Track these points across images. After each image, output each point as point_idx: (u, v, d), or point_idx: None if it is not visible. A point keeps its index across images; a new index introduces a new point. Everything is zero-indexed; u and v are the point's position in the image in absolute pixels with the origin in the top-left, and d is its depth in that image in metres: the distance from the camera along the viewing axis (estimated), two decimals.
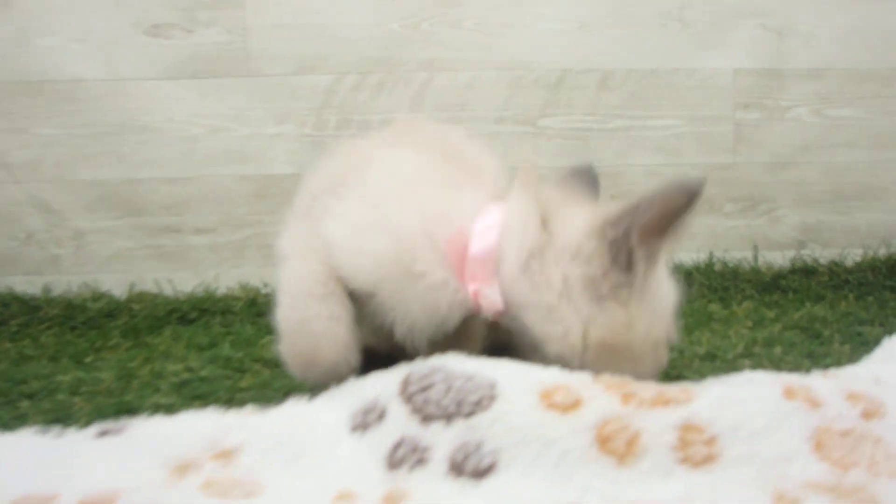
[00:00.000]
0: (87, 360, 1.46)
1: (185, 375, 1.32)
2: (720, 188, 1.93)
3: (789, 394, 0.77)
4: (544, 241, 0.86)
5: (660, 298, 0.89)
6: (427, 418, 0.76)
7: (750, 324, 1.58)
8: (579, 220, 0.87)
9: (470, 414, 0.75)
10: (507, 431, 0.73)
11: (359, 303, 0.94)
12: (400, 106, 1.86)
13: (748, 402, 0.75)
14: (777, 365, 1.30)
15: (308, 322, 0.91)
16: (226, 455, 0.77)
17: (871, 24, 1.89)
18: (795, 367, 1.27)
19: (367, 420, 0.80)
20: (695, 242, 1.92)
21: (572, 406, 0.74)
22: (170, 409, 1.11)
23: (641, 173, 1.92)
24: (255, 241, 1.88)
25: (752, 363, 1.30)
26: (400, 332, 0.92)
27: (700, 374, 1.24)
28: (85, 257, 1.85)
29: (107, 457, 0.76)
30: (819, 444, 0.73)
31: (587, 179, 1.05)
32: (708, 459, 0.71)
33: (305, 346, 0.91)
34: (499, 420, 0.74)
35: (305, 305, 0.92)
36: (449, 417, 0.75)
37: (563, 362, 0.84)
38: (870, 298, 1.76)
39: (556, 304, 0.85)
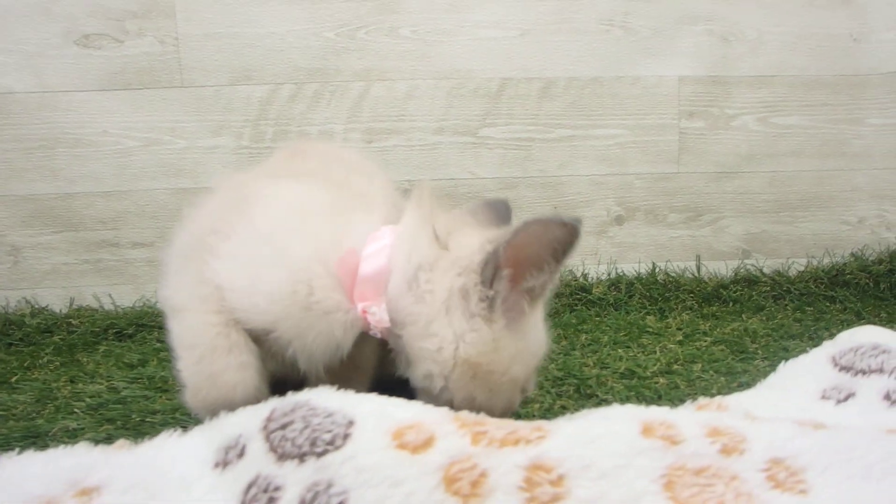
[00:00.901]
0: (14, 380, 1.44)
1: (105, 397, 1.31)
2: (664, 198, 1.88)
3: (647, 431, 0.76)
4: (437, 255, 0.86)
5: (529, 341, 0.88)
6: (282, 457, 0.75)
7: (680, 337, 1.57)
8: (476, 239, 0.87)
9: (322, 453, 0.74)
10: (356, 472, 0.72)
11: (258, 339, 0.92)
12: (337, 116, 1.80)
13: (601, 440, 0.75)
14: (692, 383, 1.29)
15: (218, 376, 0.89)
16: (86, 493, 0.76)
17: (818, 30, 1.82)
18: (709, 385, 1.28)
19: (228, 457, 0.78)
20: (637, 253, 1.88)
21: (422, 446, 0.74)
22: (76, 434, 1.12)
23: (585, 183, 1.86)
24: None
25: (667, 381, 1.30)
26: (302, 362, 0.90)
27: (613, 394, 1.24)
28: (22, 273, 1.82)
29: None
30: (669, 483, 0.72)
31: (500, 212, 1.02)
32: (554, 499, 0.70)
33: (217, 397, 0.89)
34: (349, 460, 0.73)
35: (212, 360, 0.89)
36: (302, 456, 0.74)
37: (430, 383, 0.87)
38: (809, 309, 1.74)
39: (435, 316, 0.85)
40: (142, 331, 1.71)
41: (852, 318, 1.67)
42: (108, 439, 1.10)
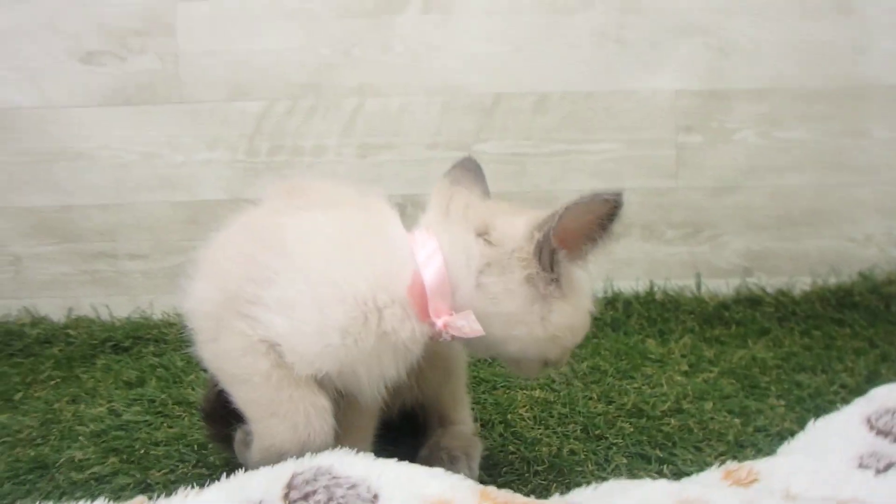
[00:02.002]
0: (17, 397, 1.44)
1: (106, 422, 1.29)
2: (661, 213, 1.81)
3: None
4: (489, 254, 0.88)
5: (585, 292, 0.93)
6: None
7: (685, 367, 1.48)
8: (517, 228, 0.89)
9: None
10: None
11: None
12: (331, 132, 1.79)
13: None
14: (705, 425, 1.21)
15: (315, 438, 0.85)
16: None
17: (817, 41, 1.77)
18: (724, 429, 1.20)
19: None
20: (634, 270, 1.81)
21: None
22: (83, 467, 1.11)
23: None
24: (189, 267, 1.80)
25: (678, 423, 1.22)
26: (366, 391, 0.88)
27: (623, 436, 1.18)
28: (23, 282, 1.83)
29: None
30: None
31: (474, 172, 1.04)
32: None
33: (302, 452, 0.84)
34: None
35: (307, 426, 0.85)
36: None
37: (524, 356, 0.92)
38: (817, 333, 1.64)
39: (513, 309, 0.87)
40: (138, 344, 1.70)
41: (865, 345, 1.57)
42: (114, 473, 1.09)
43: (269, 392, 0.84)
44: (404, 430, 1.08)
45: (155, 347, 1.67)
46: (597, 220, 0.84)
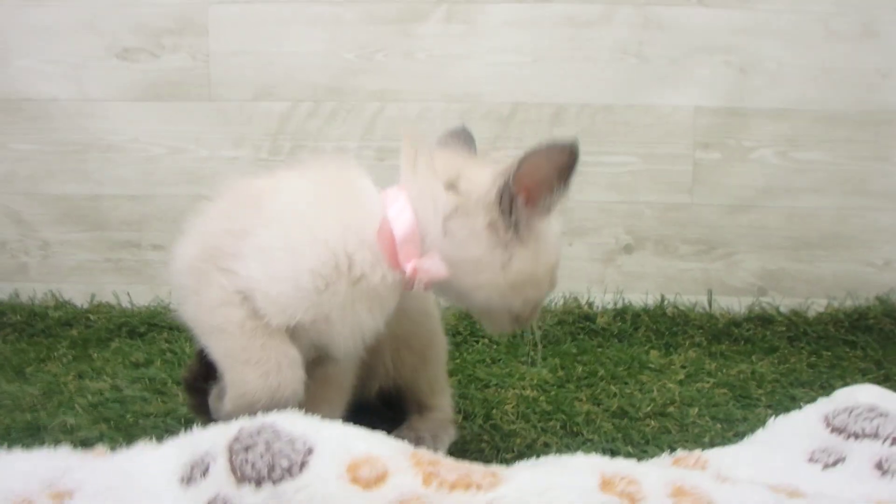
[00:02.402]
0: (28, 370, 1.50)
1: (105, 395, 1.35)
2: (675, 229, 1.80)
3: (606, 485, 0.73)
4: (456, 202, 0.90)
5: (548, 243, 0.94)
6: (242, 479, 0.75)
7: (682, 376, 1.47)
8: (483, 177, 0.91)
9: (278, 480, 0.73)
10: (308, 501, 0.72)
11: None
12: (351, 134, 1.82)
13: (555, 490, 0.72)
14: (685, 428, 1.22)
15: (285, 387, 0.88)
16: (59, 496, 0.78)
17: (841, 64, 1.74)
18: (702, 433, 1.20)
19: (193, 474, 0.79)
20: (646, 284, 1.80)
21: (375, 482, 0.73)
22: (73, 431, 1.17)
23: (595, 210, 1.80)
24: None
25: (658, 425, 1.22)
26: (341, 345, 0.91)
27: (600, 434, 1.18)
28: (51, 267, 1.89)
29: None
30: None
31: (464, 139, 1.05)
32: None
33: (273, 405, 0.88)
34: (302, 489, 0.73)
35: (279, 374, 0.88)
36: (259, 481, 0.74)
37: (490, 306, 0.94)
38: (826, 354, 1.61)
39: (478, 254, 0.90)
40: (152, 330, 1.75)
41: (871, 366, 1.53)
42: (100, 438, 1.14)
43: (243, 340, 0.88)
44: (384, 417, 1.10)
45: (168, 334, 1.71)
46: (556, 169, 0.87)
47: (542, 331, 1.67)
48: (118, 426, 1.20)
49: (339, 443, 0.77)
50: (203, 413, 1.02)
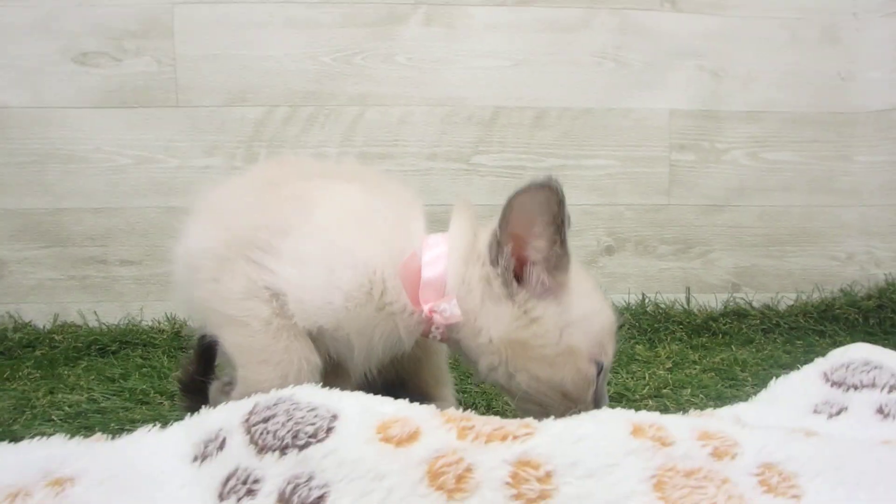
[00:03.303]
0: None
1: (84, 406, 1.27)
2: (654, 229, 1.82)
3: (637, 432, 0.73)
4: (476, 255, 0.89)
5: (575, 308, 0.88)
6: (263, 449, 0.72)
7: (669, 365, 1.51)
8: (490, 228, 0.89)
9: (304, 446, 0.71)
10: (338, 465, 0.69)
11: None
12: (331, 140, 1.75)
13: (590, 439, 0.72)
14: (682, 406, 1.24)
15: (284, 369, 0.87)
16: (59, 483, 0.73)
17: (809, 67, 1.80)
18: (699, 408, 1.19)
19: (207, 450, 0.76)
20: (627, 284, 1.81)
21: (407, 439, 0.72)
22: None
23: (576, 213, 1.74)
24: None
25: (656, 404, 1.25)
26: (359, 359, 0.89)
27: None
28: (8, 287, 1.75)
29: None
30: (659, 483, 0.68)
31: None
32: (542, 496, 0.67)
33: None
34: (331, 453, 0.70)
35: (297, 379, 0.87)
36: (283, 449, 0.71)
37: (496, 374, 0.88)
38: (798, 342, 1.68)
39: (477, 309, 0.87)
40: (125, 348, 1.65)
41: None
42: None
43: (266, 339, 0.86)
44: None
45: (142, 351, 1.63)
46: (542, 209, 0.83)
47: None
48: (103, 433, 1.11)
49: (364, 407, 0.76)
50: (192, 394, 1.00)
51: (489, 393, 1.30)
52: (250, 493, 0.69)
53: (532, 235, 0.85)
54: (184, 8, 1.70)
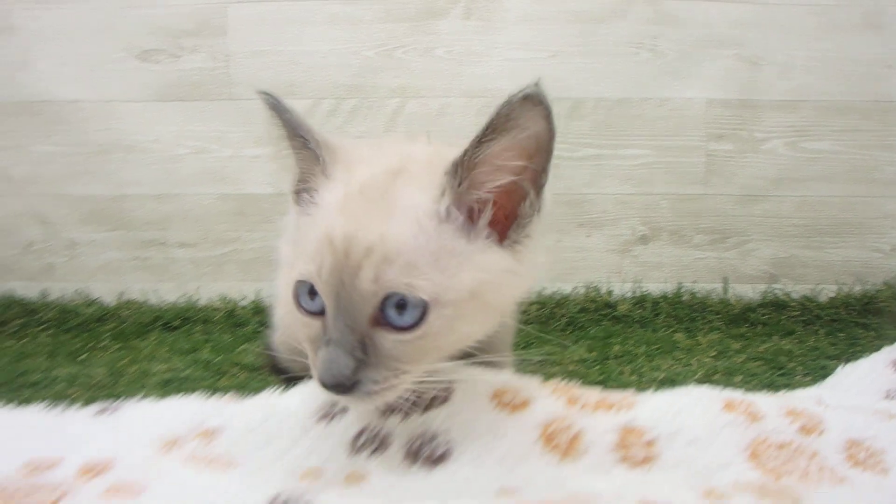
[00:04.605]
0: (81, 357, 1.48)
1: (169, 375, 1.35)
2: (690, 219, 1.77)
3: (729, 407, 0.77)
4: None
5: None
6: (387, 412, 0.77)
7: (714, 353, 1.46)
8: None
9: (427, 408, 0.76)
10: (459, 425, 0.75)
11: None
12: (373, 130, 1.77)
13: (688, 411, 0.76)
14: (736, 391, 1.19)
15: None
16: (207, 435, 0.81)
17: (849, 55, 1.71)
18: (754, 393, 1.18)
19: (332, 411, 0.80)
20: (663, 273, 1.77)
21: (520, 405, 0.77)
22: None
23: (610, 202, 1.77)
24: (234, 256, 1.81)
25: None
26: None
27: None
28: (77, 266, 1.83)
29: (104, 431, 0.82)
30: (754, 454, 0.72)
31: None
32: (646, 460, 0.72)
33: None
34: (452, 415, 0.76)
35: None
36: (407, 411, 0.76)
37: None
38: (841, 335, 1.59)
39: None
40: (187, 323, 1.70)
41: (888, 344, 1.50)
42: None
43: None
44: None
45: (202, 327, 1.68)
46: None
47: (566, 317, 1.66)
48: None
49: (477, 375, 0.80)
50: (281, 373, 1.02)
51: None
52: (381, 447, 0.75)
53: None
54: (236, 8, 1.75)
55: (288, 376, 0.96)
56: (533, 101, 0.69)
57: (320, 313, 0.70)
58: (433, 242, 0.69)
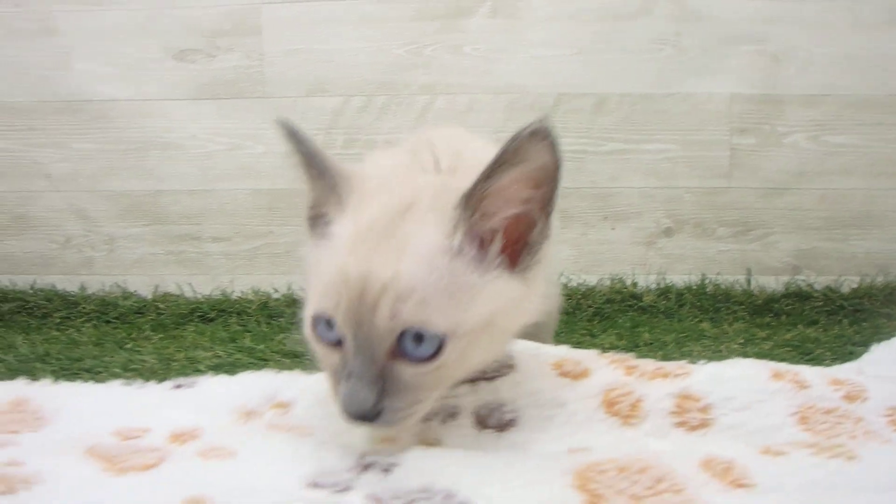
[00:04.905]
0: (128, 346, 1.51)
1: (217, 361, 1.37)
2: (713, 212, 1.79)
3: (777, 376, 0.81)
4: None
5: None
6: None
7: (741, 340, 1.47)
8: None
9: (492, 378, 0.80)
10: (525, 394, 0.79)
11: None
12: (403, 127, 1.79)
13: (739, 379, 0.80)
14: None
15: None
16: (282, 406, 0.85)
17: (870, 50, 1.72)
18: None
19: None
20: (686, 265, 1.79)
21: (581, 374, 0.81)
22: None
23: (636, 196, 1.79)
24: (267, 250, 1.84)
25: None
26: None
27: None
28: (115, 260, 1.87)
29: (183, 403, 0.87)
30: (803, 418, 0.76)
31: None
32: (702, 425, 0.76)
33: None
34: (517, 384, 0.80)
35: None
36: (473, 381, 0.80)
37: None
38: (864, 324, 1.60)
39: None
40: (222, 315, 1.73)
41: None
42: None
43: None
44: None
45: (238, 318, 1.71)
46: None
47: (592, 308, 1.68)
48: None
49: (535, 350, 0.84)
50: None
51: None
52: (452, 415, 0.79)
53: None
54: (270, 8, 1.79)
55: None
56: (540, 136, 0.70)
57: (338, 344, 0.73)
58: (446, 277, 0.70)
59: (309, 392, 0.85)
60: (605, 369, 0.82)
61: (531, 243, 0.74)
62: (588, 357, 0.84)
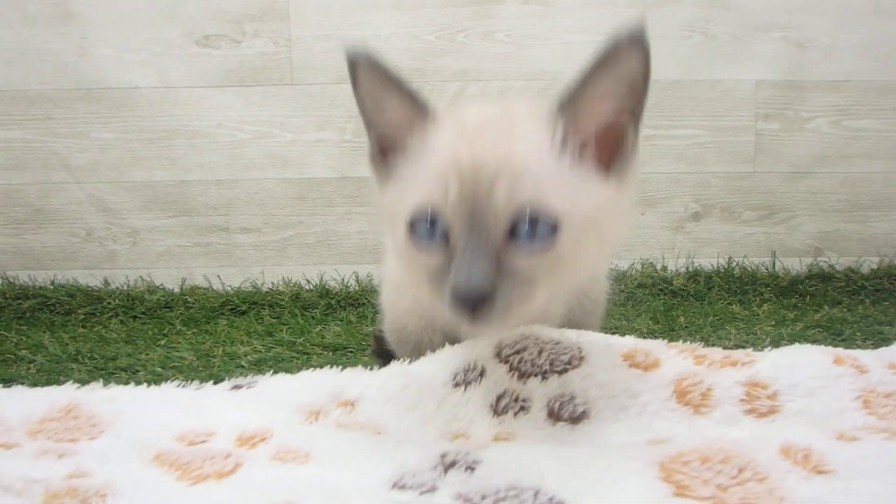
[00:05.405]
0: (162, 342, 1.45)
1: (257, 356, 1.33)
2: (740, 196, 1.81)
3: (838, 361, 0.81)
4: None
5: None
6: (523, 375, 0.80)
7: (773, 322, 1.50)
8: None
9: (563, 371, 0.80)
10: (596, 386, 0.79)
11: None
12: None
13: (803, 365, 0.80)
14: None
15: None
16: (348, 404, 0.83)
17: (891, 37, 1.76)
18: None
19: (468, 377, 0.83)
20: (713, 248, 1.81)
21: (652, 365, 0.81)
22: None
23: (664, 181, 1.80)
24: (297, 240, 1.80)
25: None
26: None
27: None
28: (140, 253, 1.80)
29: (245, 404, 0.83)
30: (866, 402, 0.77)
31: None
32: (771, 411, 0.76)
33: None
34: (588, 377, 0.79)
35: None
36: (544, 374, 0.80)
37: None
38: (886, 303, 1.65)
39: None
40: (254, 308, 1.68)
41: None
42: None
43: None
44: None
45: (270, 311, 1.66)
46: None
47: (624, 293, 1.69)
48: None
49: (603, 341, 0.84)
50: (383, 357, 1.03)
51: None
52: (523, 409, 0.78)
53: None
54: None
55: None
56: (637, 44, 0.72)
57: (441, 242, 0.71)
58: (554, 168, 0.71)
59: (373, 388, 0.84)
60: (675, 359, 0.82)
61: (623, 151, 0.74)
62: (657, 347, 0.84)
